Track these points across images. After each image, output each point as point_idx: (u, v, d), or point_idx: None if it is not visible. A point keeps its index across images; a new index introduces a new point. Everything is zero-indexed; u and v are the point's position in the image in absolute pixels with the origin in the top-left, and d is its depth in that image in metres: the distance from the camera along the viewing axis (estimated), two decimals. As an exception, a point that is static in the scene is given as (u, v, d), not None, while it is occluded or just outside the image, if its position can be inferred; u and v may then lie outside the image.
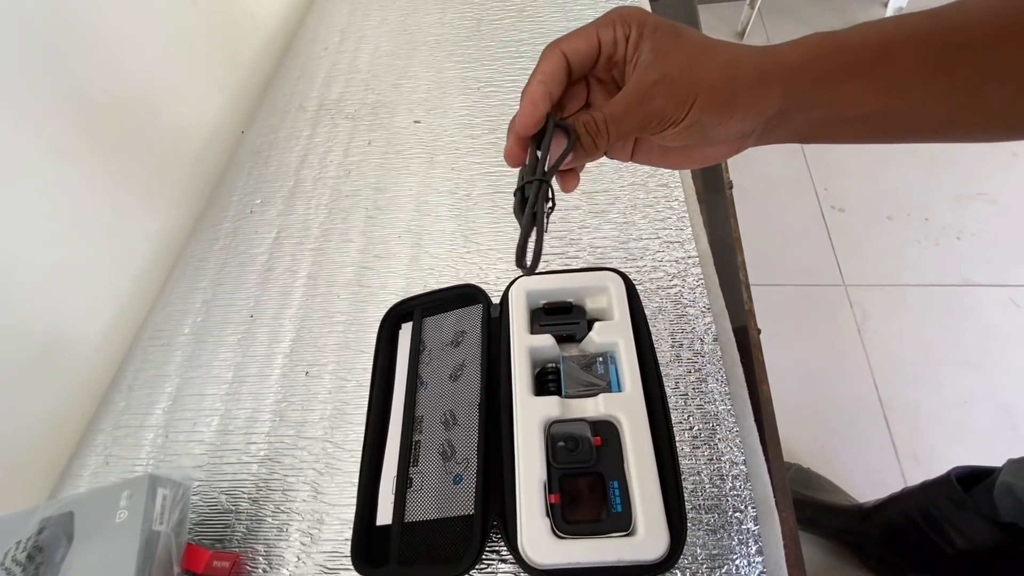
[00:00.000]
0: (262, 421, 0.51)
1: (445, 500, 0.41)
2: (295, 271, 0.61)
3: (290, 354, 0.55)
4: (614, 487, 0.37)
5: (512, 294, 0.47)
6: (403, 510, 0.41)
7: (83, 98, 0.56)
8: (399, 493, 0.42)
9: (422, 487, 0.42)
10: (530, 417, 0.40)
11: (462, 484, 0.41)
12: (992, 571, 0.70)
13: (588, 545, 0.35)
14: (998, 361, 1.11)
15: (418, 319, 0.51)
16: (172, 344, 0.58)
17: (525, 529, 0.36)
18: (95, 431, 0.54)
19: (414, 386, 0.47)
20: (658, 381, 0.41)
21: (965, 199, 1.35)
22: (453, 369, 0.47)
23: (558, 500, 0.36)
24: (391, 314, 0.52)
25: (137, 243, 0.64)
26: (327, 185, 0.67)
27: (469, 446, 0.42)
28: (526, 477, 0.37)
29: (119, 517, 0.38)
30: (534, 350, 0.44)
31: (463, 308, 0.50)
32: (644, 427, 0.38)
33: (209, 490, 0.48)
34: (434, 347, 0.49)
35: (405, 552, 0.39)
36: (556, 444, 0.39)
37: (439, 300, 0.52)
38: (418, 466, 0.43)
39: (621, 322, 0.44)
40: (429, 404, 0.46)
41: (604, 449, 0.38)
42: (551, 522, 0.36)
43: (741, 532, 0.39)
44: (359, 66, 0.80)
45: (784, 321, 1.21)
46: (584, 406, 0.41)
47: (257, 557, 0.44)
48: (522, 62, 0.74)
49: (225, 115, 0.77)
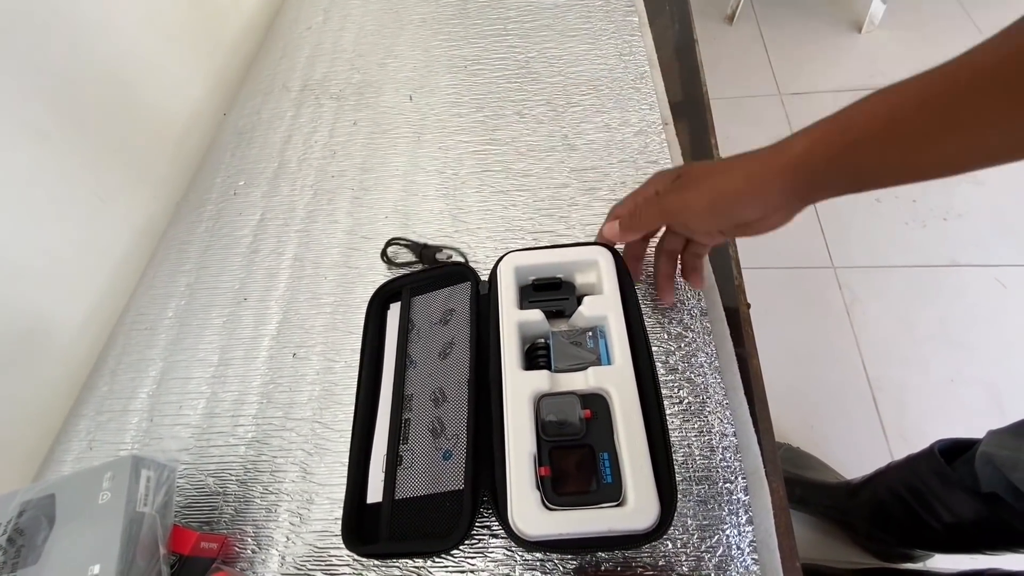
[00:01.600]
0: (249, 403, 0.50)
1: (435, 476, 0.40)
2: (281, 253, 0.60)
3: (277, 336, 0.54)
4: (604, 458, 0.36)
5: (501, 270, 0.46)
6: (393, 487, 0.41)
7: (59, 80, 0.55)
8: (389, 471, 0.41)
9: (412, 464, 0.42)
10: (519, 391, 0.40)
11: (452, 460, 0.41)
12: (977, 542, 0.71)
13: (578, 516, 0.35)
14: (983, 340, 1.13)
15: (406, 298, 0.50)
16: (156, 328, 0.57)
17: (515, 502, 0.35)
18: (78, 416, 0.53)
19: (403, 365, 0.46)
20: (648, 353, 0.41)
21: (952, 181, 1.35)
22: (442, 347, 0.46)
23: (548, 473, 0.36)
24: (379, 294, 0.51)
25: (119, 227, 0.63)
26: (312, 166, 0.66)
27: (459, 422, 0.42)
28: (516, 451, 0.37)
29: (102, 499, 0.37)
30: (523, 325, 0.44)
31: (452, 286, 0.50)
32: (634, 399, 0.38)
33: (196, 473, 0.47)
34: (423, 326, 0.49)
35: (396, 528, 0.39)
36: (545, 418, 0.38)
37: (427, 279, 0.51)
38: (408, 444, 0.43)
39: (611, 296, 0.43)
40: (418, 382, 0.45)
41: (594, 421, 0.38)
42: (541, 494, 0.36)
43: (731, 502, 0.39)
44: (343, 45, 0.78)
45: (774, 303, 1.22)
46: (574, 380, 0.40)
47: (246, 538, 0.43)
48: (509, 40, 0.73)
49: (207, 97, 0.75)
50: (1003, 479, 0.61)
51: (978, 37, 0.28)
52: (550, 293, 0.46)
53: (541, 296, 0.46)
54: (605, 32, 0.70)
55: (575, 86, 0.66)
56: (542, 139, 0.62)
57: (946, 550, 0.78)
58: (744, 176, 0.35)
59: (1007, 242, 1.25)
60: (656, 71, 0.66)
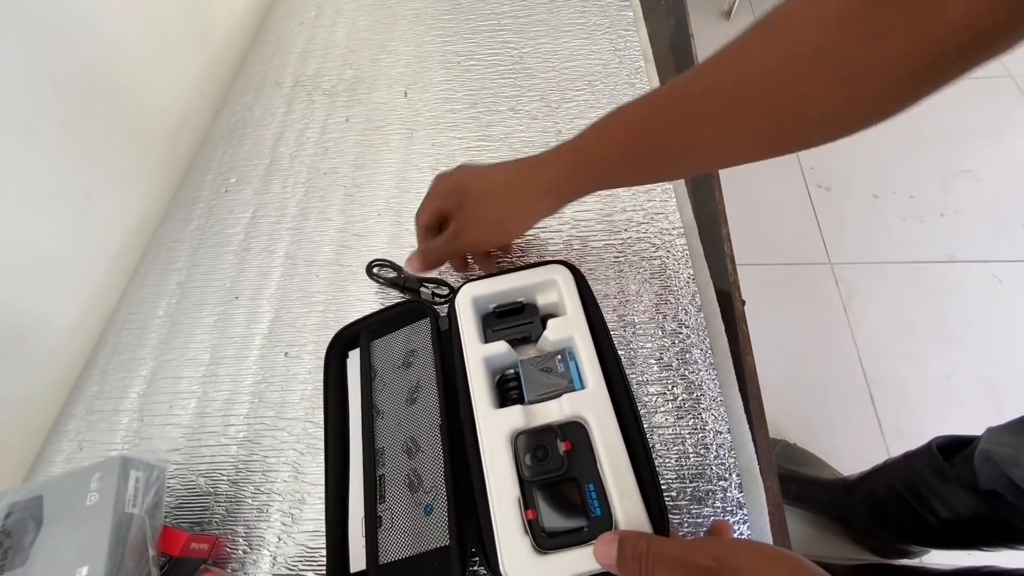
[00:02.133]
0: (241, 403, 0.50)
1: (418, 534, 0.38)
2: (272, 251, 0.59)
3: (268, 335, 0.53)
4: (590, 490, 0.35)
5: (459, 303, 0.44)
6: (376, 552, 0.38)
7: (46, 74, 0.54)
8: (369, 534, 0.39)
9: (393, 524, 0.39)
10: (494, 432, 0.38)
11: (434, 514, 0.38)
12: (975, 539, 0.71)
13: (572, 556, 0.33)
14: (980, 336, 1.13)
15: (365, 344, 0.47)
16: (146, 327, 0.56)
17: (505, 552, 0.34)
18: (67, 417, 0.52)
19: (370, 416, 0.44)
20: (619, 370, 0.39)
21: (949, 177, 1.36)
22: (408, 392, 0.44)
23: (535, 516, 0.35)
24: (335, 344, 0.48)
25: (109, 225, 0.62)
26: (304, 163, 0.65)
27: (436, 473, 0.39)
28: (499, 496, 0.35)
29: (90, 500, 0.37)
30: (489, 359, 0.42)
31: (410, 325, 0.47)
32: (612, 422, 0.37)
33: (187, 473, 0.47)
34: (385, 372, 0.46)
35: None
36: (525, 456, 0.37)
37: (383, 320, 0.48)
38: (386, 502, 0.40)
39: (574, 315, 0.42)
40: (388, 433, 0.43)
41: (574, 452, 0.36)
42: (531, 539, 0.34)
43: (726, 500, 0.39)
44: (336, 41, 0.77)
45: (771, 300, 1.22)
46: (549, 410, 0.38)
47: (237, 539, 0.43)
48: (503, 35, 0.72)
49: (198, 93, 0.75)
50: (1003, 476, 0.61)
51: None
52: (514, 319, 0.44)
53: (505, 323, 0.44)
54: (600, 27, 0.70)
55: (569, 82, 0.65)
56: (536, 135, 0.61)
57: (943, 546, 0.78)
58: (519, 202, 0.44)
59: (1004, 238, 1.25)
60: (651, 66, 0.65)
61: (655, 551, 0.28)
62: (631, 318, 0.48)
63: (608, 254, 0.52)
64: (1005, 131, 1.41)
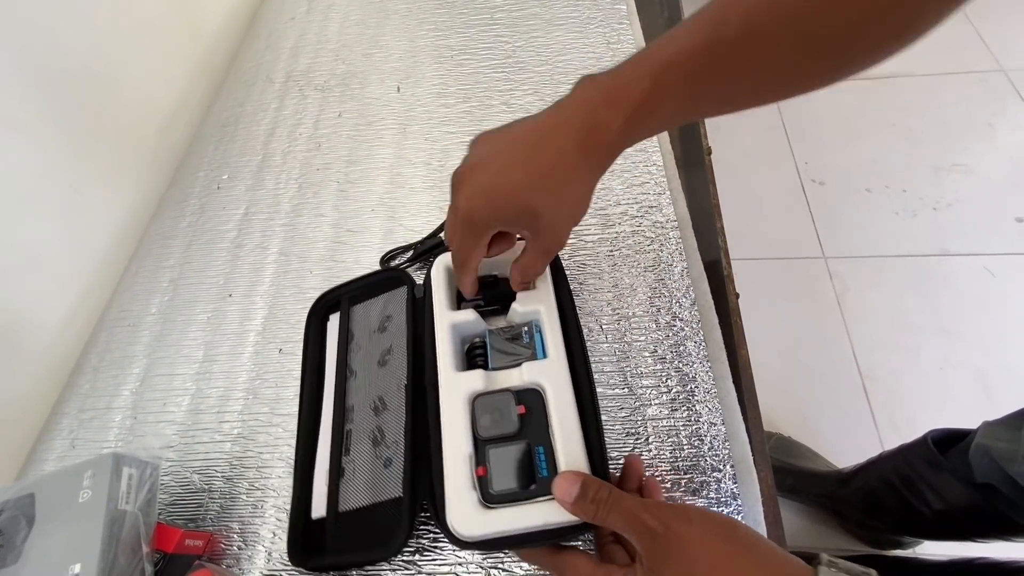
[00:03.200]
0: (235, 399, 0.50)
1: (376, 485, 0.40)
2: (266, 247, 0.59)
3: (263, 331, 0.53)
4: (539, 452, 0.36)
5: (433, 273, 0.45)
6: (336, 500, 0.40)
7: (34, 68, 0.53)
8: (332, 484, 0.41)
9: (354, 475, 0.41)
10: (454, 393, 0.39)
11: (392, 467, 0.40)
12: (969, 530, 0.72)
13: (514, 513, 0.34)
14: (973, 328, 1.13)
15: (345, 308, 0.50)
16: (139, 324, 0.56)
17: (452, 504, 0.35)
18: (60, 415, 0.52)
19: (344, 376, 0.46)
20: (580, 343, 0.40)
21: (942, 170, 1.36)
22: (381, 355, 0.46)
23: (484, 472, 0.36)
24: (317, 307, 0.50)
25: (100, 222, 0.61)
26: (297, 159, 0.65)
27: (398, 429, 0.41)
28: (451, 452, 0.37)
29: (82, 497, 0.37)
30: (458, 326, 0.43)
31: (389, 292, 0.49)
32: (567, 391, 0.38)
33: (181, 470, 0.47)
34: (362, 335, 0.48)
35: (340, 541, 0.39)
36: (480, 417, 0.38)
37: (365, 287, 0.50)
38: (350, 455, 0.42)
39: (543, 290, 0.43)
40: (359, 392, 0.45)
41: (528, 416, 0.38)
42: (478, 494, 0.36)
43: (720, 491, 0.39)
44: (328, 36, 0.77)
45: (765, 294, 1.22)
46: (510, 377, 0.40)
47: (232, 535, 0.43)
48: (496, 29, 0.72)
49: (189, 88, 0.74)
50: (999, 471, 0.61)
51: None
52: (488, 292, 0.45)
53: (478, 295, 0.45)
54: (593, 20, 0.70)
55: (563, 75, 0.65)
56: (530, 129, 0.61)
57: (936, 537, 0.79)
58: (582, 178, 0.35)
59: (996, 231, 1.26)
60: (644, 60, 0.65)
61: (614, 499, 0.31)
62: (625, 311, 0.48)
63: (602, 248, 0.52)
64: (997, 125, 1.41)
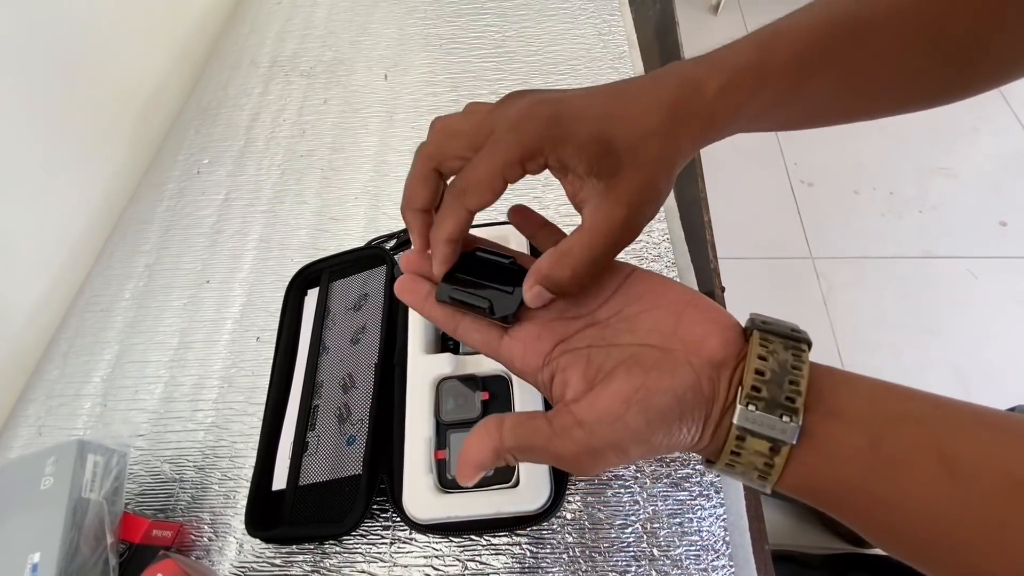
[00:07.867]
0: (209, 387, 0.48)
1: (338, 462, 0.40)
2: (246, 233, 0.57)
3: (240, 319, 0.52)
4: None
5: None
6: (297, 474, 0.40)
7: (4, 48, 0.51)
8: (295, 457, 0.41)
9: (317, 450, 0.41)
10: (420, 375, 0.39)
11: (355, 445, 0.40)
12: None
13: (468, 498, 0.35)
14: (954, 328, 1.15)
15: (325, 283, 0.49)
16: (112, 310, 0.54)
17: (408, 486, 0.35)
18: (26, 401, 0.50)
19: (316, 352, 0.46)
20: None
21: (928, 173, 1.38)
22: (354, 333, 0.46)
23: (443, 456, 0.36)
24: (297, 279, 0.50)
25: (73, 205, 0.60)
26: (280, 145, 0.64)
27: (364, 408, 0.41)
28: (412, 434, 0.37)
29: (44, 484, 0.35)
30: None
31: (369, 271, 0.48)
32: None
33: (152, 459, 0.45)
34: (338, 312, 0.48)
35: (297, 514, 0.39)
36: (444, 401, 0.38)
37: (345, 263, 0.50)
38: (315, 430, 0.42)
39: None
40: (329, 368, 0.45)
41: (492, 403, 0.38)
42: (435, 478, 0.36)
43: (702, 484, 0.39)
44: (315, 21, 0.75)
45: (753, 293, 1.22)
46: (479, 362, 0.40)
47: (203, 526, 0.42)
48: (486, 19, 0.71)
49: (171, 71, 0.72)
50: None
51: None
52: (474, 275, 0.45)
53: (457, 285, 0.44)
54: (584, 11, 0.69)
55: (552, 65, 0.64)
56: (518, 119, 0.60)
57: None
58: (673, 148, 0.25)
59: (979, 234, 1.28)
60: (635, 51, 0.64)
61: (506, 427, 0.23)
62: (610, 303, 0.47)
63: (588, 239, 0.51)
64: (982, 129, 1.43)
